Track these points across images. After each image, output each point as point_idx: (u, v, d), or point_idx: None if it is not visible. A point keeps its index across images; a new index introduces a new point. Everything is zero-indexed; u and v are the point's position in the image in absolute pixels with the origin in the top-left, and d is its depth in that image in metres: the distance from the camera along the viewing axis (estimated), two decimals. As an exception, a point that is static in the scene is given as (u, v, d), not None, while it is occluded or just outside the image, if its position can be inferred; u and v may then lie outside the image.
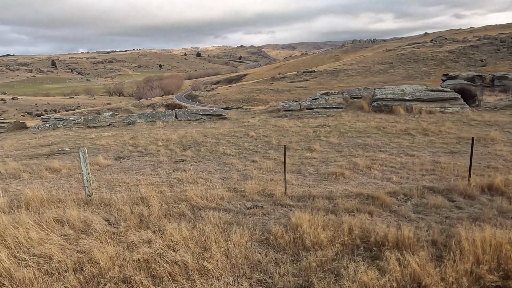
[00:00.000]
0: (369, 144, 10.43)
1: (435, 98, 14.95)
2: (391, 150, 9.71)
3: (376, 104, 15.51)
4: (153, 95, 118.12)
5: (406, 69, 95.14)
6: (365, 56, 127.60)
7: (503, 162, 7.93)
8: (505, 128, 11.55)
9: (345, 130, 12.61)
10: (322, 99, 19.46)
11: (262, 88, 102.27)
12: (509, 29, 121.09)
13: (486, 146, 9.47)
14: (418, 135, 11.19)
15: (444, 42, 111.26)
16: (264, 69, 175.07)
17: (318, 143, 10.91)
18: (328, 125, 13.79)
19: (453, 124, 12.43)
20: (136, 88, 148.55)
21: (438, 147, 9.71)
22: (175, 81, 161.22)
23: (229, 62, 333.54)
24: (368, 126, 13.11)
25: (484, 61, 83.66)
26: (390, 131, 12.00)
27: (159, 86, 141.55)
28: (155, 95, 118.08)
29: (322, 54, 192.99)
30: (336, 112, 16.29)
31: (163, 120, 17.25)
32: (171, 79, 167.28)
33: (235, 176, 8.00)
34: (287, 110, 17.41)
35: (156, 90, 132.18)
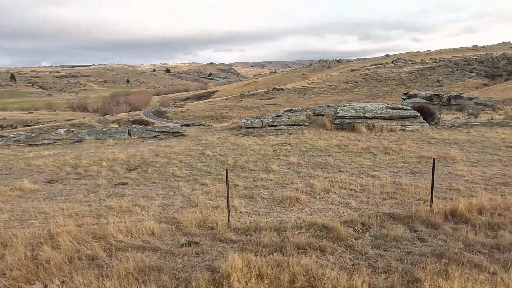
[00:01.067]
0: (330, 163, 9.84)
1: (396, 116, 14.88)
2: (351, 170, 9.15)
3: (338, 122, 15.20)
4: (120, 110, 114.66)
5: (369, 88, 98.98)
6: (331, 75, 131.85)
7: (464, 183, 7.56)
8: (464, 146, 11.48)
9: (306, 149, 12.02)
10: (285, 116, 19.00)
11: (231, 105, 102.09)
12: (461, 52, 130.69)
13: (447, 166, 9.17)
14: (380, 154, 10.80)
15: (404, 64, 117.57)
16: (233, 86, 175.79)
17: (277, 163, 10.18)
18: (289, 143, 13.17)
19: (413, 142, 12.23)
20: (102, 103, 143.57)
21: (399, 167, 9.29)
22: (143, 97, 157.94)
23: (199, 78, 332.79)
24: (329, 144, 12.62)
25: (440, 81, 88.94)
26: (351, 149, 11.55)
27: (126, 101, 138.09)
28: (121, 110, 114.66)
29: (291, 72, 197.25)
30: (299, 129, 15.79)
31: (115, 138, 15.90)
32: (139, 94, 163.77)
33: (178, 202, 7.01)
34: (248, 127, 16.69)
35: (123, 105, 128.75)
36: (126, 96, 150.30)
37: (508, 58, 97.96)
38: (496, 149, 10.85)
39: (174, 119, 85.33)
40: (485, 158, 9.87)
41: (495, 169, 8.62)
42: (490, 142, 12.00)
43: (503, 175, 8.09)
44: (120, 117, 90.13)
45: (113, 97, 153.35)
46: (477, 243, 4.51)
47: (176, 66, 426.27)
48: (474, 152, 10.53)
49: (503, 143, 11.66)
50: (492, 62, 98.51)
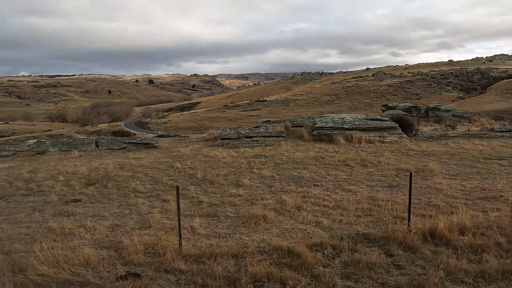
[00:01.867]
0: (304, 177, 9.26)
1: (374, 127, 14.57)
2: (327, 184, 8.59)
3: (316, 133, 14.75)
4: (100, 121, 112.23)
5: (351, 100, 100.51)
6: (313, 87, 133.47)
7: (444, 198, 7.09)
8: (442, 158, 11.17)
9: (281, 161, 11.43)
10: (263, 127, 18.46)
11: (214, 116, 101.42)
12: (437, 67, 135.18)
13: (425, 179, 8.75)
14: (357, 167, 10.32)
15: (383, 77, 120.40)
16: (217, 98, 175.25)
17: (249, 177, 9.52)
18: (264, 155, 12.56)
19: (392, 154, 11.86)
20: (82, 114, 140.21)
21: (377, 180, 8.80)
22: (125, 108, 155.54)
23: (182, 90, 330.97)
24: (306, 156, 12.09)
25: (418, 94, 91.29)
26: (328, 162, 11.04)
27: (107, 112, 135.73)
28: (102, 121, 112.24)
29: (274, 84, 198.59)
30: (276, 141, 15.24)
31: (81, 149, 14.87)
32: (121, 105, 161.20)
33: (131, 223, 6.21)
34: (224, 138, 16.02)
35: (104, 116, 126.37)
36: (107, 107, 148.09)
37: (481, 72, 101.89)
38: (474, 161, 10.57)
39: (156, 130, 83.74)
40: (464, 170, 9.53)
41: (474, 182, 8.25)
42: (468, 154, 11.76)
43: (483, 189, 7.71)
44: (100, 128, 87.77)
45: (93, 107, 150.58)
46: (459, 270, 3.95)
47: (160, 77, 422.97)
48: (453, 164, 10.20)
49: (481, 155, 11.43)
50: (467, 76, 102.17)
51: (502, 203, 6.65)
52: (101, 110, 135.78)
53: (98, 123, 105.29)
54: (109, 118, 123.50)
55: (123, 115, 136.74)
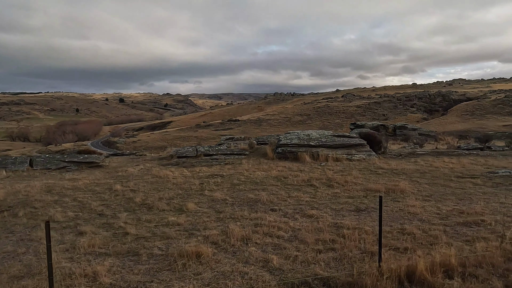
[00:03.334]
0: (262, 200, 7.96)
1: (342, 144, 13.68)
2: (286, 208, 7.32)
3: (281, 151, 13.62)
4: (65, 140, 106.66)
5: (322, 120, 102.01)
6: (286, 107, 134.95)
7: (419, 224, 6.02)
8: (413, 177, 10.30)
9: (239, 181, 10.09)
10: (226, 144, 17.15)
11: (186, 135, 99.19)
12: (402, 89, 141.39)
13: (397, 200, 7.71)
14: (322, 187, 9.17)
15: (352, 98, 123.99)
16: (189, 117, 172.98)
17: (197, 200, 8.09)
18: (221, 174, 11.18)
19: (360, 173, 10.87)
20: (46, 133, 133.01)
21: (343, 203, 7.66)
22: (93, 127, 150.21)
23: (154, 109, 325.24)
24: (267, 175, 10.84)
25: (385, 115, 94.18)
26: (291, 182, 9.84)
27: (73, 131, 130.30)
28: (67, 140, 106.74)
29: (247, 104, 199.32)
30: (237, 159, 13.94)
31: (10, 169, 12.80)
32: (88, 124, 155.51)
33: (17, 267, 4.59)
34: (181, 156, 14.51)
35: (69, 135, 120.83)
36: (73, 126, 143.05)
37: (442, 95, 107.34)
38: (447, 180, 9.76)
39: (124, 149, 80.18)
40: (438, 190, 8.63)
41: (450, 204, 7.29)
42: (439, 172, 11.01)
43: (461, 211, 6.74)
44: (64, 147, 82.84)
45: (59, 126, 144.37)
46: None
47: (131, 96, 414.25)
48: (425, 184, 9.31)
49: (453, 173, 10.69)
50: (429, 98, 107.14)
51: (485, 229, 5.66)
52: (67, 129, 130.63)
53: (62, 142, 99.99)
54: (75, 137, 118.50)
55: (91, 134, 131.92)
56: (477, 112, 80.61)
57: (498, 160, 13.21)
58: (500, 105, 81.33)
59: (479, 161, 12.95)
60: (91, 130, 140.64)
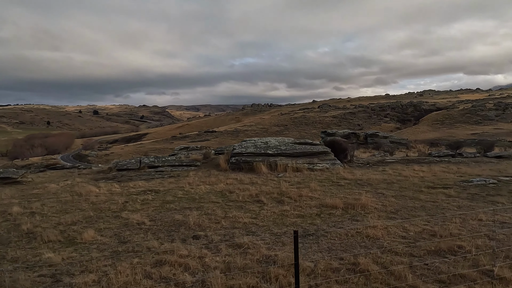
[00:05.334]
0: (189, 223, 6.22)
1: (303, 152, 12.21)
2: (214, 233, 5.63)
3: (235, 161, 11.97)
4: (33, 154, 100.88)
5: (298, 130, 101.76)
6: (263, 118, 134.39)
7: (379, 255, 4.47)
8: (379, 188, 8.88)
9: (173, 199, 8.31)
10: (180, 155, 15.34)
11: (161, 147, 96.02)
12: (376, 100, 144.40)
13: (356, 219, 6.19)
14: (270, 203, 7.56)
15: (328, 109, 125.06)
16: (166, 129, 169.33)
17: (104, 226, 6.25)
18: (158, 190, 9.36)
19: (319, 185, 9.35)
20: (13, 147, 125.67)
21: (289, 224, 6.05)
22: (64, 140, 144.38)
23: (130, 121, 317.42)
24: (211, 190, 9.13)
25: (360, 125, 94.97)
26: (235, 197, 8.16)
27: (42, 144, 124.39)
28: (36, 154, 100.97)
29: (224, 115, 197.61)
30: (186, 171, 12.16)
31: None
32: (59, 137, 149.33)
33: None
34: (121, 169, 12.57)
35: (38, 149, 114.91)
36: (43, 139, 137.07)
37: (414, 105, 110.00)
38: (416, 191, 8.40)
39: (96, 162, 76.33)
40: (405, 204, 7.20)
41: (419, 223, 5.84)
42: (408, 182, 9.67)
43: (433, 233, 5.28)
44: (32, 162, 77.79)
45: (27, 139, 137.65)
46: None
47: (106, 108, 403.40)
48: (391, 197, 7.88)
49: (423, 183, 9.38)
50: (402, 108, 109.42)
51: (464, 261, 4.18)
52: (36, 142, 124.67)
53: (31, 156, 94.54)
54: (44, 150, 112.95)
55: (62, 148, 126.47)
56: (447, 121, 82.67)
57: (471, 168, 12.12)
58: (468, 115, 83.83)
59: (451, 169, 11.80)
60: (62, 143, 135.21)
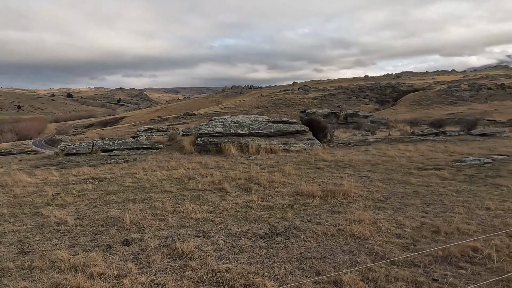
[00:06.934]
0: (125, 220, 4.81)
1: (279, 131, 10.92)
2: (153, 236, 4.26)
3: (201, 142, 10.53)
4: (3, 140, 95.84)
5: (279, 112, 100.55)
6: (243, 100, 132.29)
7: (369, 264, 3.24)
8: (362, 171, 7.73)
9: (118, 188, 6.84)
10: (142, 136, 13.72)
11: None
12: (355, 81, 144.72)
13: (337, 211, 4.97)
14: (235, 192, 6.23)
15: (309, 90, 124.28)
16: (144, 112, 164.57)
17: (12, 228, 4.75)
18: (104, 177, 7.84)
19: (295, 168, 8.11)
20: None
21: (254, 219, 4.76)
22: (36, 124, 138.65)
23: (106, 104, 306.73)
24: (168, 176, 7.71)
25: (340, 106, 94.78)
26: (194, 185, 6.78)
27: (12, 129, 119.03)
28: (5, 140, 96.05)
29: (204, 98, 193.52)
30: (145, 154, 10.64)
31: None
32: (31, 121, 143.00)
33: None
34: (70, 153, 10.90)
35: (8, 134, 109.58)
36: (13, 124, 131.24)
37: (392, 87, 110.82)
38: (405, 174, 7.29)
39: (68, 148, 72.70)
40: (395, 190, 6.05)
41: (416, 215, 4.68)
42: (395, 163, 8.58)
43: (434, 229, 4.12)
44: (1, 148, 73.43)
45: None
46: None
47: (80, 91, 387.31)
48: (378, 181, 6.73)
49: (412, 164, 8.31)
50: (380, 90, 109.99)
51: (488, 274, 3.01)
52: (5, 127, 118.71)
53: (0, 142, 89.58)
54: (15, 136, 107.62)
55: (34, 133, 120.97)
56: (424, 102, 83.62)
57: (459, 146, 11.23)
58: (444, 95, 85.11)
59: (439, 148, 10.84)
60: (34, 128, 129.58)
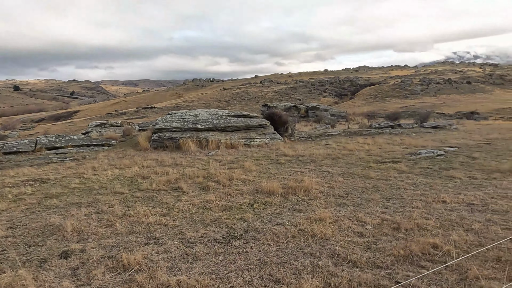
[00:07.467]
0: (66, 228, 4.28)
1: (239, 126, 10.63)
2: (97, 245, 3.81)
3: (157, 138, 9.96)
4: None
5: (241, 106, 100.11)
6: (205, 93, 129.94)
7: (331, 269, 3.08)
8: (323, 165, 7.70)
9: (61, 190, 6.18)
10: (94, 132, 12.77)
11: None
12: (316, 75, 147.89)
13: (298, 210, 4.80)
14: (192, 191, 5.87)
15: (270, 84, 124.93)
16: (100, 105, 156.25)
17: None
18: (46, 179, 7.08)
19: (255, 163, 7.89)
20: None
21: (211, 222, 4.45)
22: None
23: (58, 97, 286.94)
24: (120, 176, 7.13)
25: (301, 100, 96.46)
26: (148, 185, 6.30)
27: None
28: None
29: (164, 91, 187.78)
30: (96, 152, 9.86)
31: None
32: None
33: None
34: (9, 152, 9.80)
35: None
36: None
37: (350, 81, 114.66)
38: (365, 168, 7.35)
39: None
40: (355, 185, 6.03)
41: (376, 211, 4.64)
42: (354, 156, 8.66)
43: (395, 225, 4.08)
44: None
45: None
46: None
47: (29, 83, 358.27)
48: (338, 175, 6.70)
49: (371, 157, 8.43)
50: (339, 84, 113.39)
51: (450, 273, 2.96)
52: None
53: None
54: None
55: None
56: (379, 95, 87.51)
57: (414, 138, 11.67)
58: (397, 89, 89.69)
59: (395, 140, 11.19)
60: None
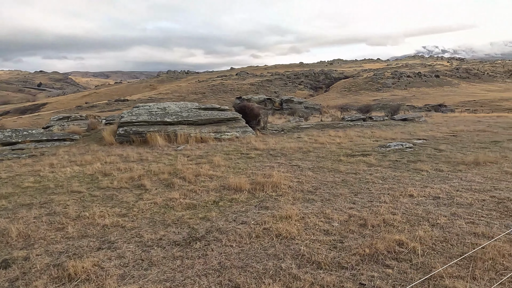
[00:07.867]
0: (10, 232, 3.89)
1: (210, 119, 10.33)
2: (44, 252, 3.47)
3: (123, 132, 9.49)
4: None
5: (217, 98, 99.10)
6: (180, 86, 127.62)
7: (294, 272, 2.93)
8: (294, 159, 7.59)
9: (12, 190, 5.69)
10: (56, 126, 12.04)
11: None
12: (291, 68, 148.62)
13: (264, 207, 4.63)
14: (155, 189, 5.57)
15: (246, 76, 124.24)
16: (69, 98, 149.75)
17: None
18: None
19: (225, 158, 7.66)
20: None
21: (171, 222, 4.20)
22: None
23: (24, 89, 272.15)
24: (80, 173, 6.70)
25: (277, 92, 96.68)
26: (109, 183, 5.94)
27: None
28: None
29: (137, 83, 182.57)
30: (57, 147, 9.27)
31: None
32: None
33: None
34: (-43, 149, 9.01)
35: None
36: None
37: (325, 73, 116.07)
38: (335, 161, 7.31)
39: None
40: (325, 179, 5.95)
41: (343, 206, 4.56)
42: (325, 150, 8.62)
43: (362, 221, 4.00)
44: None
45: None
46: None
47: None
48: (308, 169, 6.60)
49: (341, 151, 8.42)
50: (314, 76, 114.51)
51: (414, 272, 2.88)
52: None
53: None
54: None
55: None
56: (353, 88, 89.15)
57: (384, 131, 11.84)
58: (370, 82, 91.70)
59: (366, 133, 11.30)
60: None
